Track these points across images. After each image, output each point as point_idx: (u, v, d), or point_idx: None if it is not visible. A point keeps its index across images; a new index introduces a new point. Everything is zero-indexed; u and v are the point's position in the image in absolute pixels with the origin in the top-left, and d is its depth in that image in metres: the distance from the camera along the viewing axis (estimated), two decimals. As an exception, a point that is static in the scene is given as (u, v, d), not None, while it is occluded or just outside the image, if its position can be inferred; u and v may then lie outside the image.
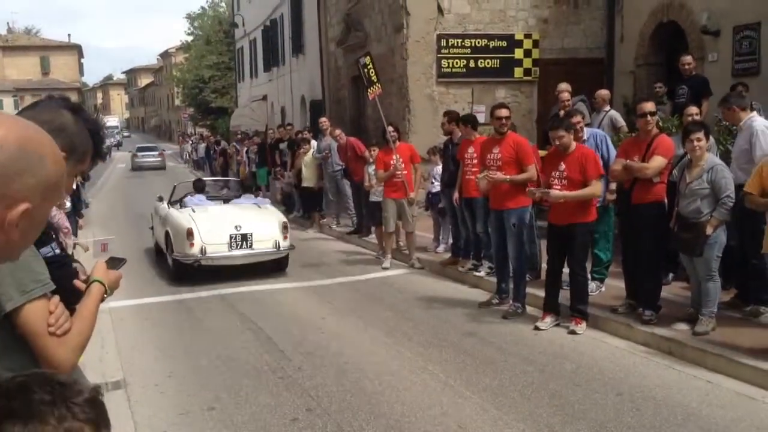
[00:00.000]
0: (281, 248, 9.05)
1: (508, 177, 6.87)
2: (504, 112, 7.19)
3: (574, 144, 6.37)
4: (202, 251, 8.64)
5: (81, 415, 1.21)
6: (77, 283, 1.98)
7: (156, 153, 37.20)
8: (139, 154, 36.84)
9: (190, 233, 8.69)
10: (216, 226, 9.00)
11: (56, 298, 1.82)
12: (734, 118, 6.39)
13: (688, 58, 9.17)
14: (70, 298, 1.89)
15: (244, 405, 4.87)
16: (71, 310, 1.88)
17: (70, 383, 1.24)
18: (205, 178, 13.46)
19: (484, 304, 7.35)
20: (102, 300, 2.00)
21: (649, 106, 6.20)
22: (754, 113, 6.37)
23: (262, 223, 9.24)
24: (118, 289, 2.18)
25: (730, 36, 10.42)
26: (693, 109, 6.98)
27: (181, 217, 9.23)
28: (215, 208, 10.02)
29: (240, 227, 8.92)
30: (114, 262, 2.10)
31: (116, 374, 5.63)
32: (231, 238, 8.82)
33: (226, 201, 10.86)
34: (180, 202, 10.16)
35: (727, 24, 10.48)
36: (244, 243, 8.89)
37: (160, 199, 10.69)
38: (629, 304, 6.45)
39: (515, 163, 6.96)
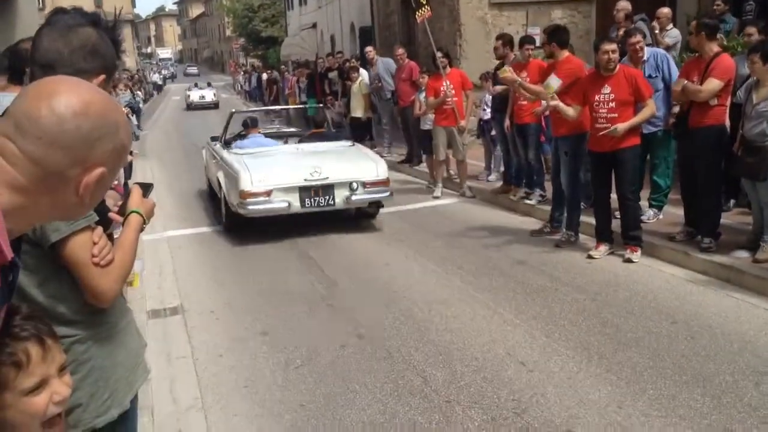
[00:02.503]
0: None
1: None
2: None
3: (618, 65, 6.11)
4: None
5: (22, 334, 1.24)
6: (112, 215, 1.99)
7: (195, 68, 69.49)
8: (188, 68, 67.75)
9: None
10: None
11: (99, 230, 1.83)
12: None
13: None
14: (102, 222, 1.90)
15: (296, 331, 4.98)
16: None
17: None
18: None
19: (536, 232, 7.26)
20: (141, 230, 2.00)
21: (699, 23, 5.90)
22: None
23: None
24: (177, 219, 2.18)
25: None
26: (750, 29, 6.60)
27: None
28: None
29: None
30: (144, 189, 2.08)
31: (174, 301, 5.81)
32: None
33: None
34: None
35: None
36: None
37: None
38: (688, 232, 6.27)
39: (571, 92, 6.70)
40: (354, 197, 7.61)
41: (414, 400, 3.88)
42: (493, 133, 9.44)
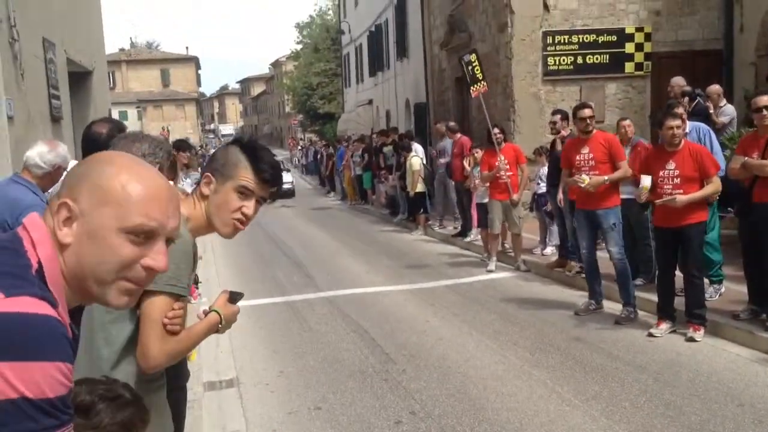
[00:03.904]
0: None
1: (606, 177, 6.65)
2: (587, 113, 6.93)
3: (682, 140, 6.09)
4: None
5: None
6: (198, 314, 2.12)
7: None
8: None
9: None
10: None
11: (180, 304, 1.96)
12: None
13: None
14: None
15: (349, 406, 4.95)
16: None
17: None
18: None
19: (582, 310, 7.09)
20: (216, 330, 2.11)
21: (765, 99, 5.83)
22: None
23: None
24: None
25: None
26: None
27: None
28: None
29: None
30: (234, 296, 2.24)
31: (229, 373, 5.87)
32: None
33: None
34: None
35: None
36: None
37: None
38: (752, 310, 6.07)
39: (609, 162, 6.74)
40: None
41: (469, 481, 3.79)
42: (548, 207, 9.43)
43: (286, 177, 21.68)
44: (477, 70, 10.61)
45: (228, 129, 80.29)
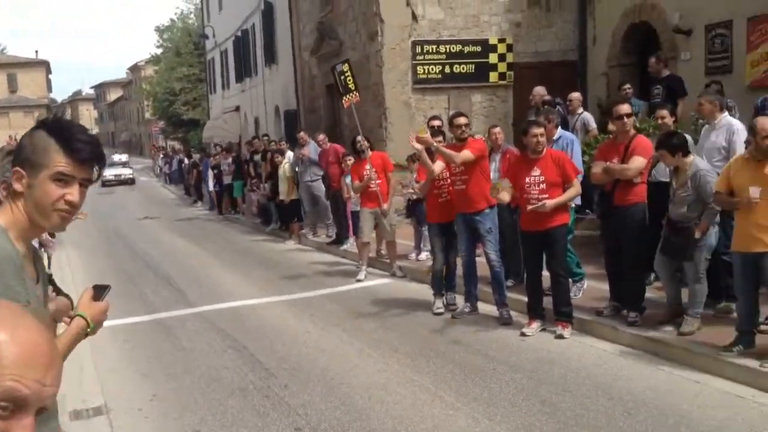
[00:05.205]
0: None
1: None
2: (462, 120, 7.16)
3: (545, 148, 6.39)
4: None
5: None
6: (65, 320, 1.90)
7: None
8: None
9: None
10: None
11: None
12: (710, 113, 6.43)
13: (651, 60, 9.31)
14: None
15: (230, 427, 4.75)
16: None
17: None
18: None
19: (458, 313, 7.26)
20: (85, 336, 1.89)
21: (625, 108, 6.22)
22: (726, 113, 6.44)
23: None
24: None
25: (703, 34, 10.52)
26: (662, 112, 6.79)
27: None
28: None
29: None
30: (99, 291, 1.99)
31: (97, 399, 5.46)
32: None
33: None
34: None
35: (699, 23, 10.59)
36: None
37: None
38: (614, 306, 6.44)
39: (479, 168, 6.95)
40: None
41: (359, 495, 3.73)
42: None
43: (125, 170, 33.94)
44: (349, 80, 10.56)
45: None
